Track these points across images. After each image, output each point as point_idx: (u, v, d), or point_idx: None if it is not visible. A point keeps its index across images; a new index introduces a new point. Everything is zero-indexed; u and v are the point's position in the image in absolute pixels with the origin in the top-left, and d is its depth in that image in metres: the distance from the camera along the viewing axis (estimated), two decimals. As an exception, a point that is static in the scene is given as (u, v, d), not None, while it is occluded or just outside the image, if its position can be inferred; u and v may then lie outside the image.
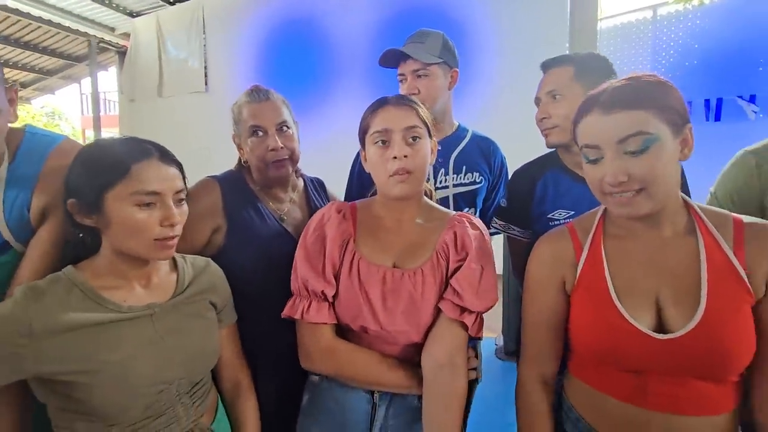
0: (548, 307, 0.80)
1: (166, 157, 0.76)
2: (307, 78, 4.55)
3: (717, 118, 3.70)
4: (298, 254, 0.91)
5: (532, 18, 3.72)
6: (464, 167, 1.29)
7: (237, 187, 1.08)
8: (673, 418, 0.69)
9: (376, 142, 0.87)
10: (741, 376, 0.71)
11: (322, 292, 0.87)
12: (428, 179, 1.25)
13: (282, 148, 1.03)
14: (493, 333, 3.54)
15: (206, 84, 5.30)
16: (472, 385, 1.43)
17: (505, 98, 3.68)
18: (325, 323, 0.88)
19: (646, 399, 0.71)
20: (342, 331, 0.91)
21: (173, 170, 0.76)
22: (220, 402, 0.88)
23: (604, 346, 0.73)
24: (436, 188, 1.28)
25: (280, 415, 1.01)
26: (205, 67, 5.32)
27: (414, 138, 0.86)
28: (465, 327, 0.84)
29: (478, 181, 1.30)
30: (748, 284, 0.67)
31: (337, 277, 0.89)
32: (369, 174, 0.92)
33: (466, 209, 1.29)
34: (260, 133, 1.04)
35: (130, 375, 0.70)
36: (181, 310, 0.80)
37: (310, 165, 1.28)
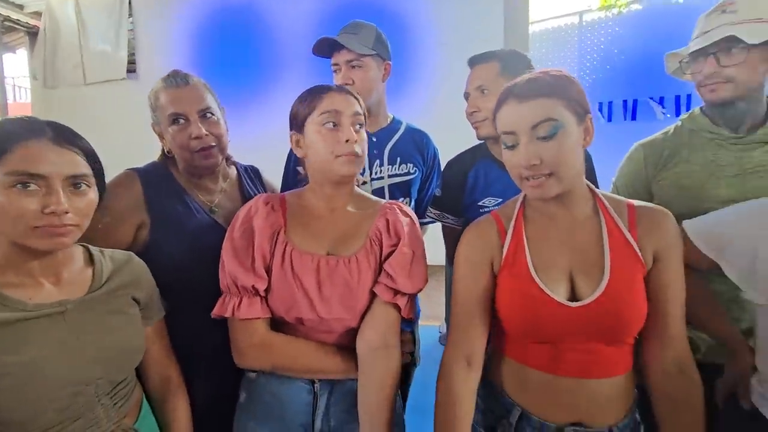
0: (476, 287, 0.84)
1: (63, 138, 0.70)
2: (244, 68, 4.38)
3: (633, 117, 4.08)
4: (225, 250, 0.89)
5: (470, 16, 3.86)
6: (398, 159, 1.32)
7: (160, 180, 1.02)
8: (580, 381, 0.78)
9: (326, 124, 0.87)
10: (635, 340, 0.80)
11: (253, 286, 0.86)
12: (363, 171, 1.27)
13: (207, 135, 0.98)
14: (436, 321, 3.66)
15: (135, 71, 4.92)
16: (410, 368, 1.48)
17: (444, 91, 3.79)
18: (259, 318, 0.86)
19: (558, 366, 0.79)
20: (276, 324, 0.90)
21: (69, 153, 0.70)
22: (144, 399, 0.84)
23: (526, 320, 0.79)
24: (372, 179, 1.30)
25: (216, 412, 0.98)
26: (133, 54, 4.94)
27: (360, 126, 0.89)
28: (398, 309, 0.87)
29: (412, 172, 1.34)
30: (641, 257, 0.77)
31: (268, 270, 0.88)
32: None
33: (401, 199, 1.33)
34: (181, 121, 0.98)
35: (39, 377, 0.65)
36: (98, 306, 0.75)
37: (248, 156, 1.24)
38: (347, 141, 0.85)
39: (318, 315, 0.86)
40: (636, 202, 0.82)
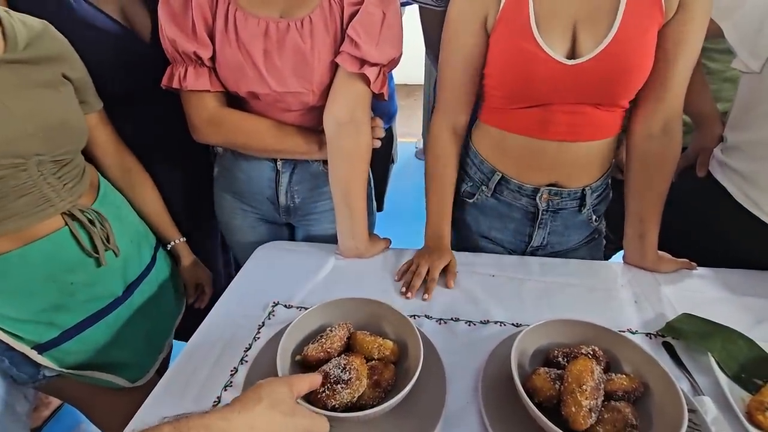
0: (467, 47, 0.75)
1: None
2: None
3: None
4: (162, 14, 0.75)
5: None
6: None
7: None
8: (564, 145, 0.76)
9: None
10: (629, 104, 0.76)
11: (195, 53, 0.75)
12: None
13: None
14: (413, 138, 3.68)
15: None
16: (387, 165, 1.49)
17: None
18: (208, 91, 0.79)
19: (546, 129, 0.75)
20: (234, 100, 0.84)
21: None
22: (104, 184, 0.81)
23: (518, 81, 0.73)
24: None
25: (193, 188, 1.03)
26: None
27: None
28: (367, 81, 0.78)
29: None
30: (663, 5, 0.66)
31: (213, 37, 0.76)
32: None
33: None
34: None
35: None
36: (22, 71, 0.64)
37: None
38: None
39: (270, 88, 0.77)
40: None
